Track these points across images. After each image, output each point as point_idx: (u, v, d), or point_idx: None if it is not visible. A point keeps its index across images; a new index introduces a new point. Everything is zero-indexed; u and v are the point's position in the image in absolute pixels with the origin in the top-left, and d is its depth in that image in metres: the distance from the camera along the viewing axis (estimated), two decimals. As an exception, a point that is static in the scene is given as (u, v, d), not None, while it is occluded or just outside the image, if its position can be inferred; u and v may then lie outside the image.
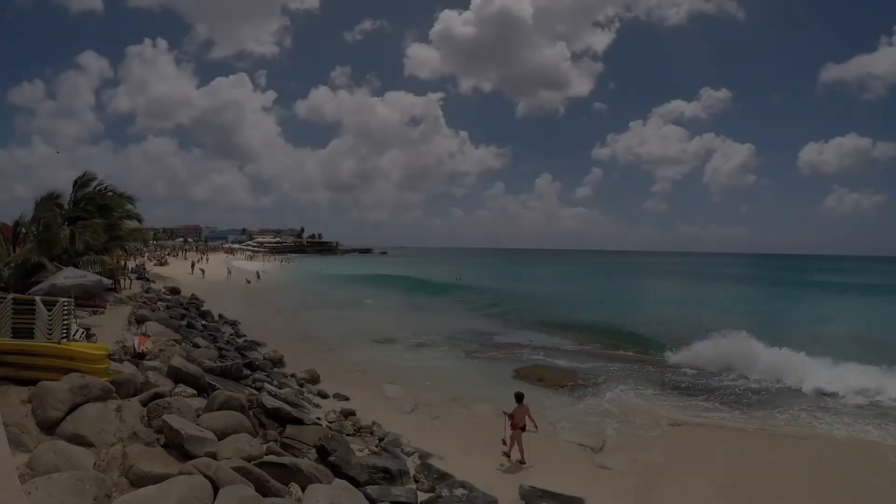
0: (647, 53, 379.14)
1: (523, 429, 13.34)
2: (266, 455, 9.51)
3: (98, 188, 28.47)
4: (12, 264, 20.27)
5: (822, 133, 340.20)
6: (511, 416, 13.45)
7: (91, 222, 25.41)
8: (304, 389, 18.10)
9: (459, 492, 10.74)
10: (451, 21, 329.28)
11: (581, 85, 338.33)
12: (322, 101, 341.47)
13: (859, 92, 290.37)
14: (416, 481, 11.46)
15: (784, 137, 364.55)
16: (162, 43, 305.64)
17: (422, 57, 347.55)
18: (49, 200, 24.31)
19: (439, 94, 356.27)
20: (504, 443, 13.56)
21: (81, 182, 27.51)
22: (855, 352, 24.16)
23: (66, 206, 25.70)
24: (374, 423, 15.11)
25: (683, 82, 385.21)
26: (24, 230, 22.63)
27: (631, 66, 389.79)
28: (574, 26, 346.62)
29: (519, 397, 13.86)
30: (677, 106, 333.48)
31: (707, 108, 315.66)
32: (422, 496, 10.51)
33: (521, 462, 13.13)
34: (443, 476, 11.63)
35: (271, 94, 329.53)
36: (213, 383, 14.03)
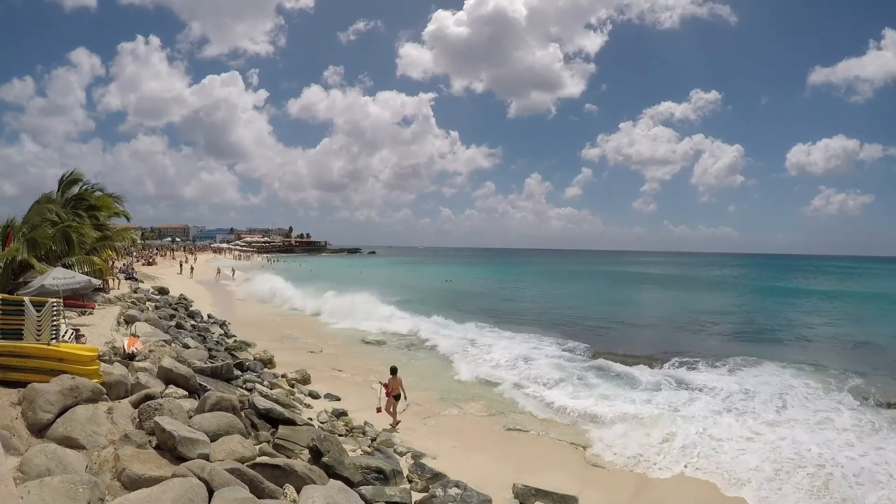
0: (638, 56, 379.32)
1: (397, 398, 15.78)
2: (259, 456, 9.45)
3: (85, 187, 28.23)
4: (0, 264, 20.03)
5: (810, 135, 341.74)
6: (385, 386, 15.88)
7: (83, 223, 25.12)
8: (295, 390, 18.01)
9: (453, 491, 10.71)
10: (445, 21, 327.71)
11: (573, 86, 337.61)
12: (314, 100, 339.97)
13: (847, 94, 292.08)
14: (410, 481, 11.44)
15: (772, 139, 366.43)
16: (154, 40, 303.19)
17: (414, 57, 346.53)
18: (46, 203, 24.05)
19: (431, 94, 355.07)
20: (378, 410, 15.73)
21: (68, 180, 27.17)
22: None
23: (58, 207, 25.28)
24: (366, 423, 15.09)
25: (674, 84, 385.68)
26: (13, 230, 22.30)
27: (622, 67, 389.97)
28: (567, 28, 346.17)
29: (393, 370, 16.25)
30: (667, 107, 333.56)
31: (697, 109, 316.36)
32: (416, 496, 10.49)
33: (393, 425, 15.51)
34: (436, 476, 11.63)
35: (263, 93, 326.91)
36: (204, 384, 13.93)
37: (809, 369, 22.78)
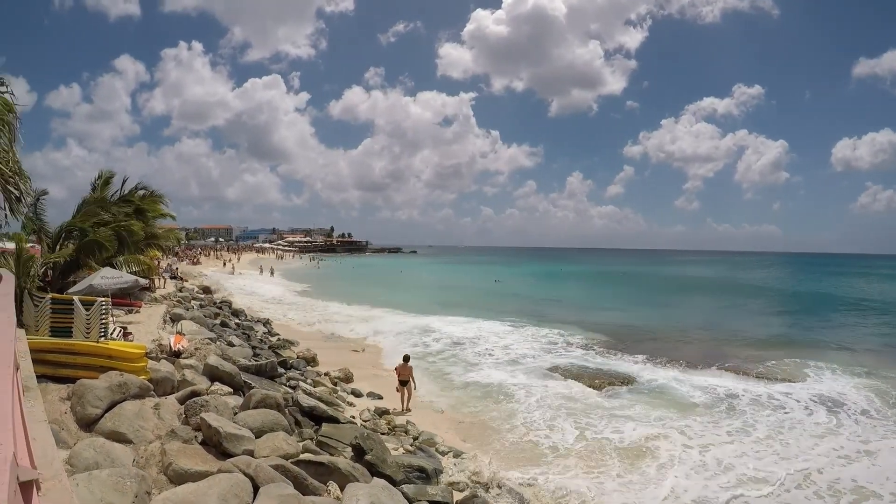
0: (679, 51, 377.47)
1: (404, 383, 16.61)
2: (303, 453, 9.52)
3: (131, 189, 28.60)
4: (50, 263, 20.41)
5: (856, 128, 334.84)
6: (396, 370, 16.97)
7: (134, 223, 25.43)
8: (337, 388, 18.06)
9: (494, 491, 10.66)
10: (484, 21, 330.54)
11: (614, 83, 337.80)
12: (355, 101, 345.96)
13: (893, 86, 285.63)
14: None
15: (817, 133, 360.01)
16: (197, 46, 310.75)
17: (454, 57, 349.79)
18: (98, 205, 24.41)
19: (471, 94, 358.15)
20: (397, 390, 16.75)
21: (103, 181, 27.39)
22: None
23: (114, 208, 25.51)
24: (408, 421, 15.05)
25: (716, 79, 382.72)
26: (64, 233, 22.64)
27: (663, 63, 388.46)
28: (607, 25, 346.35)
29: (405, 358, 17.26)
30: (710, 103, 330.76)
31: (740, 104, 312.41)
32: (457, 495, 10.39)
33: (406, 409, 16.44)
34: (478, 475, 11.52)
35: (305, 95, 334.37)
36: (249, 381, 14.07)
37: (861, 372, 22.14)
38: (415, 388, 16.94)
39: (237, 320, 28.95)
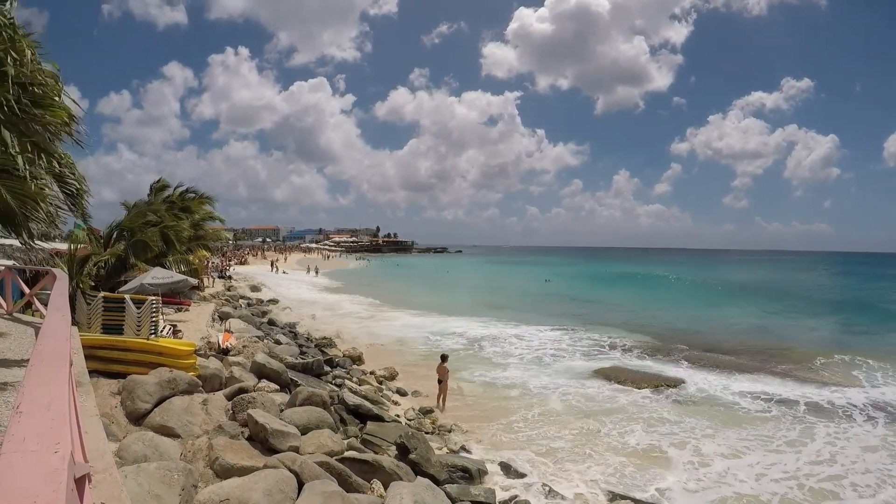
0: (726, 45, 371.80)
1: (440, 382, 16.86)
2: (347, 451, 9.54)
3: (181, 191, 29.37)
4: (102, 263, 20.91)
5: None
6: (437, 370, 17.14)
7: (181, 223, 26.04)
8: (382, 387, 18.10)
9: (536, 491, 10.59)
10: (527, 19, 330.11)
11: (660, 79, 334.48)
12: (401, 102, 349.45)
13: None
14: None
15: (868, 127, 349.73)
16: (244, 51, 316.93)
17: (498, 56, 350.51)
18: (143, 207, 25.14)
19: (516, 93, 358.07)
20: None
21: (157, 187, 28.47)
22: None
23: (159, 208, 26.26)
24: (453, 423, 15.01)
25: (764, 73, 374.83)
26: (115, 233, 23.25)
27: (710, 58, 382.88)
28: (651, 20, 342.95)
29: (443, 358, 17.57)
30: (758, 98, 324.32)
31: (788, 98, 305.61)
32: (500, 496, 10.33)
33: (440, 408, 16.44)
34: (521, 476, 11.45)
35: (350, 98, 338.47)
36: (296, 379, 14.22)
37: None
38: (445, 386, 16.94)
39: (284, 319, 29.29)
